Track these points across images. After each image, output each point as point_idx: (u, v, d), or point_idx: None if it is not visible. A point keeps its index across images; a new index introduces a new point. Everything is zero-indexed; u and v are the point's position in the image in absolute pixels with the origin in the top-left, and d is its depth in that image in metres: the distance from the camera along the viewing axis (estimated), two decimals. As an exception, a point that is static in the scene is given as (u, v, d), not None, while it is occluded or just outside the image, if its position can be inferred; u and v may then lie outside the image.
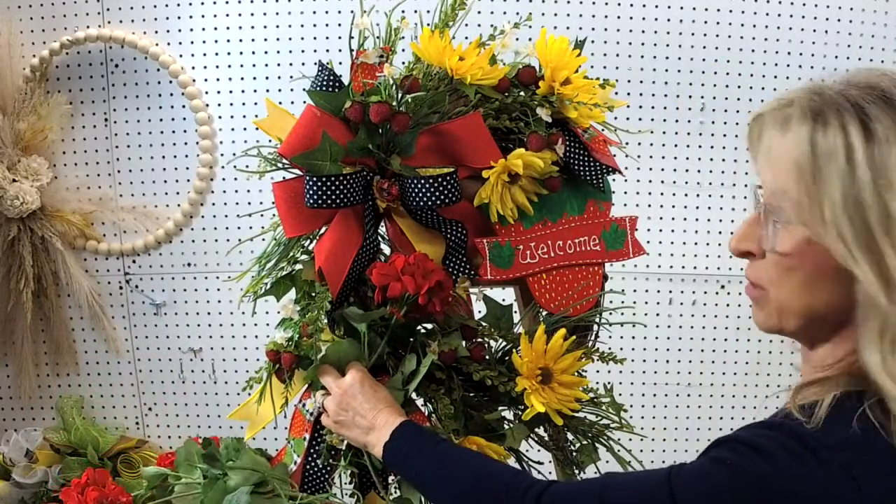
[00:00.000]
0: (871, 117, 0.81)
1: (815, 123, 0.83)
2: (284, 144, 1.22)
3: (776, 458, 0.81)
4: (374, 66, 1.22)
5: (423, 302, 1.18)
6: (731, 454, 0.84)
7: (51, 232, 2.15)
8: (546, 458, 1.35)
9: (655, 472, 0.90)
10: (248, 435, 1.33)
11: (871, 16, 2.12)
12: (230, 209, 2.20)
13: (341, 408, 1.18)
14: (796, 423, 0.83)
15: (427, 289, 1.18)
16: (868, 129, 0.81)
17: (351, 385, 1.19)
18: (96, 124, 2.19)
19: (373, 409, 1.15)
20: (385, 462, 1.14)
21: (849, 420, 0.81)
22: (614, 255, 1.40)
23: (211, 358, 2.27)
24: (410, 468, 1.11)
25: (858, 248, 0.80)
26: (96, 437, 2.21)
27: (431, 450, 1.09)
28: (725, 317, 2.25)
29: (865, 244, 0.80)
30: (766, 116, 0.88)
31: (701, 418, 2.29)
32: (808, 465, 0.81)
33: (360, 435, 1.16)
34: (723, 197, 2.20)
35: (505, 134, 1.29)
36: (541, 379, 1.23)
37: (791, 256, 0.86)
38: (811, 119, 0.83)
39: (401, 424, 1.12)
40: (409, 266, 1.20)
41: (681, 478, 0.86)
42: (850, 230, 0.80)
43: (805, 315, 0.88)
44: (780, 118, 0.86)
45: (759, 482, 0.81)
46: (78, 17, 2.14)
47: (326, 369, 1.22)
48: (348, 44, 1.23)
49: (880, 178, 0.79)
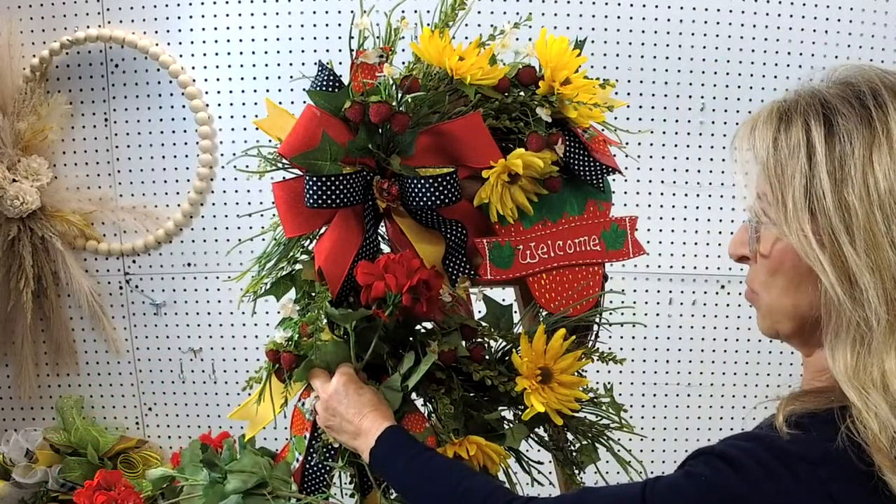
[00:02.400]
0: (836, 112, 0.81)
1: (780, 124, 0.84)
2: (284, 144, 1.22)
3: (750, 473, 0.79)
4: (374, 66, 1.22)
5: (407, 302, 1.16)
6: (706, 468, 0.82)
7: (51, 232, 2.15)
8: (546, 458, 1.35)
9: (632, 486, 0.88)
10: (249, 435, 1.33)
11: (871, 16, 2.12)
12: (230, 209, 2.20)
13: (329, 413, 1.18)
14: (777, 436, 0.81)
15: (409, 287, 1.16)
16: (830, 125, 0.81)
17: (335, 390, 1.18)
18: (96, 124, 2.19)
19: (358, 413, 1.14)
20: (371, 467, 1.14)
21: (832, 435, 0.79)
22: (614, 255, 1.40)
23: (211, 358, 2.27)
24: (392, 476, 1.10)
25: (819, 246, 0.80)
26: (96, 437, 2.21)
27: (412, 459, 1.08)
28: (725, 317, 2.25)
29: (827, 241, 0.79)
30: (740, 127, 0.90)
31: (701, 418, 2.29)
32: (783, 481, 0.78)
33: (349, 439, 1.16)
34: (723, 197, 2.20)
35: (505, 134, 1.29)
36: (541, 379, 1.22)
37: (772, 258, 0.86)
38: (776, 120, 0.85)
39: (386, 430, 1.11)
40: (392, 264, 1.17)
41: (654, 492, 0.85)
42: (811, 226, 0.80)
43: (793, 317, 0.87)
44: (751, 124, 0.88)
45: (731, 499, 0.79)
46: (78, 17, 2.14)
47: (316, 373, 1.21)
48: (348, 44, 1.23)
49: (839, 173, 0.79)
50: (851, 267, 0.78)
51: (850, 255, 0.78)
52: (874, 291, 0.77)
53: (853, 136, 0.80)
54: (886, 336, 0.78)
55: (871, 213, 0.78)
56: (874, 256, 0.78)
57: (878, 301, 0.78)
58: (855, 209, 0.78)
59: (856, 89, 0.83)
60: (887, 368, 0.78)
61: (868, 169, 0.78)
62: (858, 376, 0.79)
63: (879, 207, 0.78)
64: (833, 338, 0.81)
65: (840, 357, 0.80)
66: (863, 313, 0.78)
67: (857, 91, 0.82)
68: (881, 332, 0.78)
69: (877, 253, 0.78)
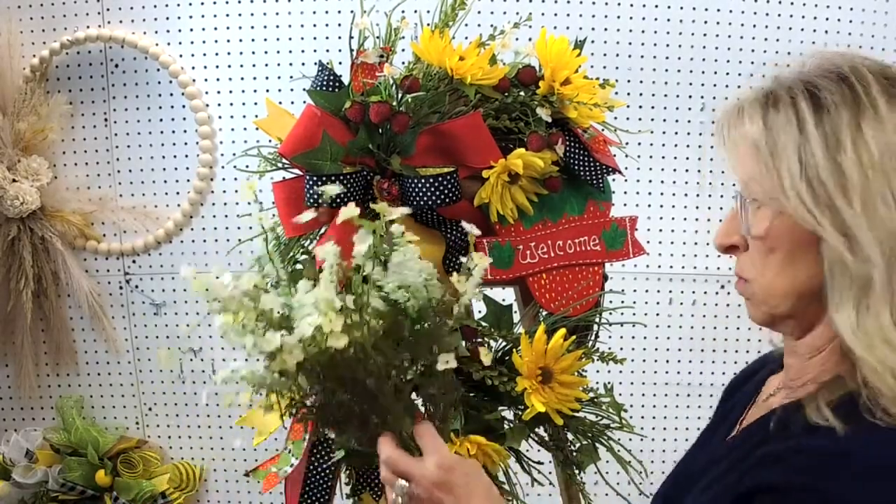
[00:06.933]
0: (820, 88, 0.85)
1: (767, 104, 0.88)
2: (284, 144, 1.22)
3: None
4: (374, 66, 1.22)
5: None
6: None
7: (51, 232, 2.15)
8: (546, 458, 1.35)
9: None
10: (256, 442, 1.33)
11: (871, 15, 2.12)
12: (230, 209, 2.20)
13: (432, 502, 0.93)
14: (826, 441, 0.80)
15: None
16: (817, 99, 0.85)
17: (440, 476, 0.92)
18: (96, 124, 2.19)
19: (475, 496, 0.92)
20: None
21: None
22: (614, 255, 1.40)
23: (211, 358, 2.27)
24: None
25: (818, 209, 0.82)
26: (96, 437, 2.21)
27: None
28: (725, 317, 2.25)
29: (825, 204, 0.82)
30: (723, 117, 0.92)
31: (701, 418, 2.29)
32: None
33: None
34: (723, 197, 2.20)
35: (505, 134, 1.29)
36: (541, 379, 1.23)
37: (768, 237, 0.88)
38: (763, 101, 0.88)
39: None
40: None
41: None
42: (809, 194, 0.83)
43: (792, 294, 0.88)
44: (735, 112, 0.90)
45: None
46: (78, 17, 2.14)
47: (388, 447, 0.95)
48: (348, 44, 1.23)
49: (830, 139, 0.83)
50: (850, 226, 0.81)
51: (849, 216, 0.81)
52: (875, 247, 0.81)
53: (840, 108, 0.83)
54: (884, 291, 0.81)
55: (864, 174, 0.82)
56: (871, 214, 0.81)
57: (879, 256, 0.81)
58: (849, 172, 0.82)
59: (836, 67, 0.87)
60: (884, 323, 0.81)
61: (858, 136, 0.82)
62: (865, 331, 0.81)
63: (872, 168, 0.81)
64: (839, 299, 0.83)
65: (845, 315, 0.83)
66: (866, 269, 0.81)
67: (838, 69, 0.86)
68: (882, 286, 0.81)
69: (873, 211, 0.81)
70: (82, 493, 2.20)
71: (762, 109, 0.88)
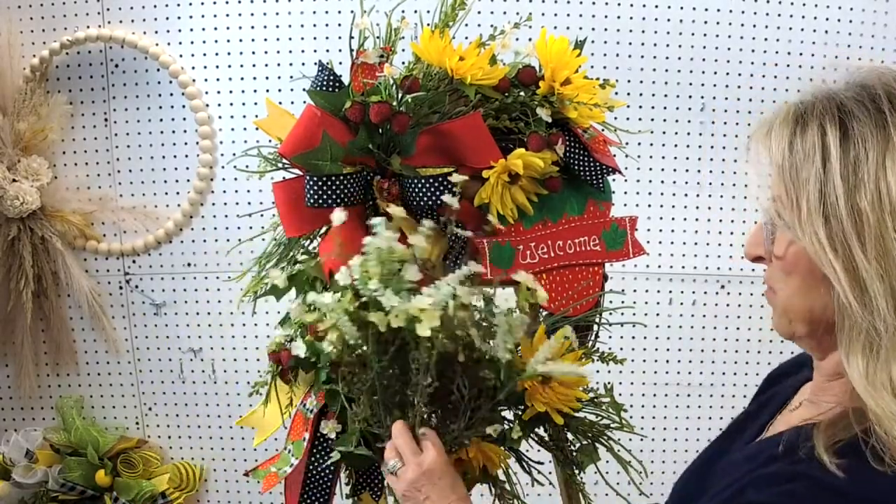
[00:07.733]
0: (852, 116, 0.81)
1: (796, 126, 0.84)
2: (284, 144, 1.22)
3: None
4: (374, 66, 1.22)
5: None
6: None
7: (51, 232, 2.15)
8: (546, 458, 1.35)
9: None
10: (256, 442, 1.33)
11: (871, 16, 2.12)
12: (230, 209, 2.20)
13: (414, 486, 1.06)
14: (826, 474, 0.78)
15: None
16: (846, 128, 0.81)
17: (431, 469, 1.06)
18: (96, 124, 2.19)
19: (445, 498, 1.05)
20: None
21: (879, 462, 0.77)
22: (614, 255, 1.40)
23: (211, 358, 2.27)
24: None
25: (832, 251, 0.79)
26: (96, 437, 2.22)
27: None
28: (725, 317, 2.25)
29: (839, 246, 0.79)
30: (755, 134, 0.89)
31: (701, 418, 2.29)
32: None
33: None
34: (723, 197, 2.20)
35: (505, 134, 1.29)
36: (541, 379, 1.22)
37: (786, 260, 0.86)
38: (793, 122, 0.84)
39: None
40: None
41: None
42: (824, 231, 0.80)
43: (808, 319, 0.87)
44: (766, 127, 0.87)
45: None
46: (78, 17, 2.14)
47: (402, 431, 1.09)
48: (348, 44, 1.23)
49: (852, 178, 0.79)
50: (862, 273, 0.78)
51: (861, 262, 0.78)
52: (883, 299, 0.77)
53: (868, 140, 0.79)
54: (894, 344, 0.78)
55: (883, 219, 0.78)
56: (884, 263, 0.78)
57: (887, 309, 0.77)
58: (867, 215, 0.78)
59: (872, 92, 0.82)
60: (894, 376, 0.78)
61: (881, 174, 0.78)
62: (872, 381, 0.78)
63: (890, 214, 0.77)
64: (848, 342, 0.81)
65: (854, 362, 0.80)
66: (872, 320, 0.78)
67: (874, 94, 0.82)
68: (889, 339, 0.78)
69: (886, 260, 0.78)
70: (82, 493, 2.20)
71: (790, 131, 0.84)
